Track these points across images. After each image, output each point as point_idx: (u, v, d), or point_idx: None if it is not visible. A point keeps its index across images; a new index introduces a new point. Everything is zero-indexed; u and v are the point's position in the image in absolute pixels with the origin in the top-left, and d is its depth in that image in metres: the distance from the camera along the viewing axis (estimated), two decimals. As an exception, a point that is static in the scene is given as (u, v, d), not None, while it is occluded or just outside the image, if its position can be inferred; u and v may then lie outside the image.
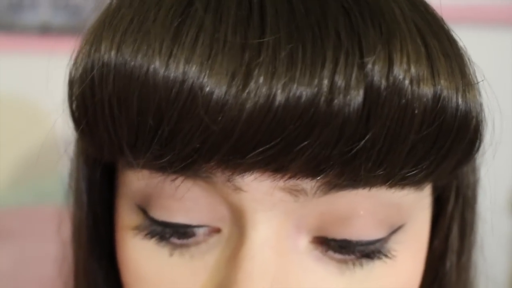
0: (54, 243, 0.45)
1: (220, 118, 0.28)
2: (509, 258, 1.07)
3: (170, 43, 0.28)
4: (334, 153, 0.29)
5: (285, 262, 0.32)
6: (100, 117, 0.30)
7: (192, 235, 0.33)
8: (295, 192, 0.31)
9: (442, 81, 0.29)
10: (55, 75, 0.43)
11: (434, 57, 0.30)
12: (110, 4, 0.32)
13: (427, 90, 0.29)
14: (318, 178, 0.30)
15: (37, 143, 0.41)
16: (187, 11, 0.29)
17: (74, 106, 0.32)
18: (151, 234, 0.34)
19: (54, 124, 0.34)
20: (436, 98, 0.29)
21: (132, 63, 0.29)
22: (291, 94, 0.27)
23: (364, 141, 0.28)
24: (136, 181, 0.33)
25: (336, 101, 0.28)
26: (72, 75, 0.31)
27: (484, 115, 0.34)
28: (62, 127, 0.37)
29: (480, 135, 0.32)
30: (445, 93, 0.29)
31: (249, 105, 0.27)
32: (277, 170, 0.29)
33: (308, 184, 0.30)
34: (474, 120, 0.31)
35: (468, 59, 0.33)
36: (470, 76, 0.32)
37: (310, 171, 0.29)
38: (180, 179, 0.31)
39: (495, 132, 0.42)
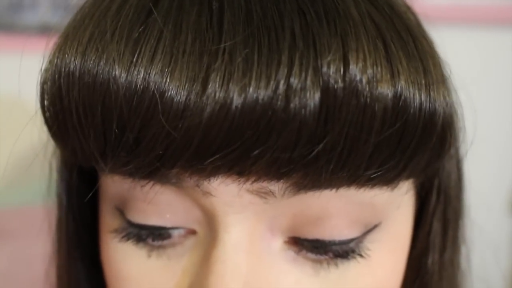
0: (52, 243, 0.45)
1: (180, 124, 0.28)
2: (509, 258, 1.07)
3: (131, 51, 0.29)
4: (294, 156, 0.29)
5: (258, 264, 0.32)
6: (70, 124, 0.31)
7: (168, 237, 0.34)
8: (263, 194, 0.31)
9: (402, 81, 0.29)
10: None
11: (394, 57, 0.29)
12: (76, 14, 0.33)
13: (386, 90, 0.29)
14: (282, 180, 0.30)
15: (37, 143, 0.41)
16: (147, 20, 0.30)
17: (46, 115, 0.32)
18: (127, 236, 0.35)
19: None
20: (397, 98, 0.29)
21: (95, 72, 0.29)
22: (247, 98, 0.27)
23: (323, 143, 0.28)
24: (111, 185, 0.34)
25: (292, 104, 0.28)
26: (42, 82, 0.32)
27: (456, 112, 0.33)
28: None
29: (451, 133, 0.32)
30: (405, 92, 0.29)
31: (207, 110, 0.28)
32: (240, 174, 0.30)
33: (275, 186, 0.31)
34: (440, 118, 0.31)
35: (438, 56, 0.33)
36: (436, 75, 0.31)
37: (273, 174, 0.30)
38: (149, 184, 0.32)
39: (495, 133, 0.42)
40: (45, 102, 0.32)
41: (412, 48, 0.31)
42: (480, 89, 0.37)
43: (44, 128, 0.36)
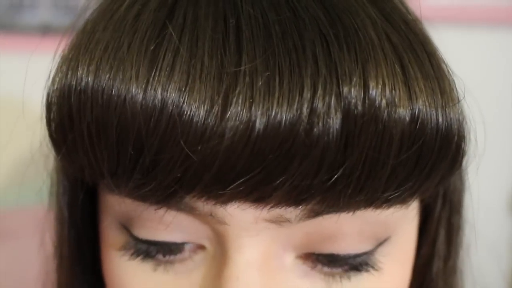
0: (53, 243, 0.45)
1: (199, 147, 0.27)
2: (510, 258, 1.07)
3: (147, 69, 0.28)
4: (314, 183, 0.28)
5: (271, 281, 0.32)
6: (80, 144, 0.29)
7: (178, 251, 0.33)
8: (279, 222, 0.31)
9: (419, 102, 0.29)
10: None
11: (412, 79, 0.29)
12: (85, 26, 0.31)
13: (403, 113, 0.29)
14: (300, 207, 0.30)
15: (37, 143, 0.41)
16: (162, 34, 0.29)
17: (53, 130, 0.31)
18: (137, 253, 0.34)
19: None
20: (414, 120, 0.29)
21: (109, 91, 0.28)
22: (269, 122, 0.27)
23: (342, 169, 0.28)
24: (118, 205, 0.33)
25: (315, 129, 0.27)
26: (50, 98, 0.31)
27: (466, 126, 0.33)
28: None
29: (463, 150, 0.32)
30: (423, 113, 0.29)
31: (228, 134, 0.27)
32: (258, 200, 0.29)
33: (292, 214, 0.30)
34: (455, 137, 0.31)
35: (449, 71, 0.33)
36: (451, 93, 0.31)
37: (292, 200, 0.29)
38: (163, 209, 0.31)
39: (495, 133, 0.41)
40: (52, 121, 0.31)
41: (428, 67, 0.31)
42: (480, 89, 0.37)
43: (45, 128, 0.35)
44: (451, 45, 0.37)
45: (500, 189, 1.06)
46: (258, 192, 0.29)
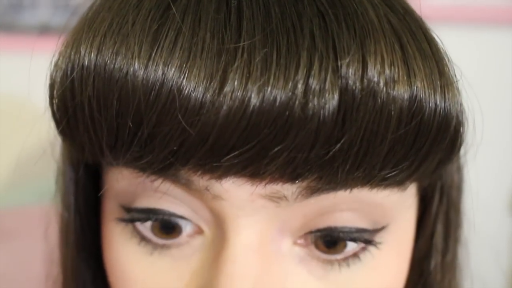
0: (54, 243, 0.45)
1: (196, 121, 0.28)
2: (510, 258, 1.07)
3: (149, 46, 0.29)
4: (310, 157, 0.29)
5: (268, 265, 0.32)
6: (80, 119, 0.30)
7: (175, 232, 0.33)
8: (276, 199, 0.31)
9: (418, 82, 0.29)
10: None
11: (410, 58, 0.30)
12: (91, 7, 0.32)
13: (402, 91, 0.29)
14: (297, 182, 0.30)
15: (37, 143, 0.41)
16: (166, 14, 0.30)
17: (55, 107, 0.32)
18: (132, 222, 0.34)
19: (54, 123, 0.34)
20: (413, 99, 0.29)
21: (112, 65, 0.29)
22: (265, 97, 0.28)
23: (340, 144, 0.29)
24: (118, 181, 0.34)
25: (310, 104, 0.28)
26: (53, 77, 0.32)
27: (465, 114, 0.34)
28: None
29: (461, 134, 0.32)
30: (421, 93, 0.29)
31: (224, 108, 0.28)
32: (254, 175, 0.30)
33: (289, 190, 0.31)
34: (454, 119, 0.31)
35: (448, 58, 0.33)
36: (449, 76, 0.31)
37: (288, 175, 0.30)
38: (159, 180, 0.32)
39: (495, 132, 0.41)
40: (54, 96, 0.32)
41: (427, 49, 0.31)
42: (479, 89, 0.37)
43: (44, 127, 0.35)
44: (451, 45, 0.38)
45: (500, 188, 1.07)
46: (253, 166, 0.29)
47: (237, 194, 0.31)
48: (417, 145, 0.30)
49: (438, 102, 0.30)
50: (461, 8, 1.01)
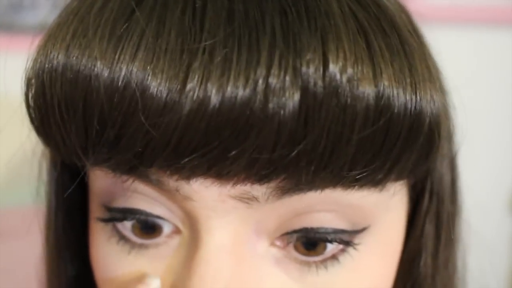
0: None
1: (159, 122, 0.28)
2: (509, 258, 1.07)
3: (113, 48, 0.29)
4: (273, 158, 0.28)
5: (242, 267, 0.32)
6: (52, 120, 0.31)
7: (152, 232, 0.34)
8: (246, 200, 0.31)
9: (385, 80, 0.29)
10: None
11: (377, 55, 0.29)
12: (61, 12, 0.33)
13: (367, 90, 0.28)
14: (264, 183, 0.30)
15: (35, 142, 0.41)
16: (131, 17, 0.30)
17: (30, 108, 0.32)
18: (110, 221, 0.35)
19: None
20: (379, 97, 0.29)
21: (77, 68, 0.29)
22: (225, 96, 0.27)
23: (303, 144, 0.28)
24: (96, 180, 0.35)
25: (270, 104, 0.27)
26: (27, 79, 0.32)
27: (448, 113, 0.33)
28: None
29: (438, 133, 0.31)
30: (388, 91, 0.29)
31: (185, 109, 0.28)
32: (219, 175, 0.30)
33: (259, 191, 0.30)
34: (428, 118, 0.30)
35: (429, 56, 0.32)
36: (423, 74, 0.31)
37: (254, 176, 0.29)
38: (130, 180, 0.32)
39: (495, 132, 0.41)
40: (29, 99, 0.32)
41: (398, 46, 0.30)
42: (479, 89, 0.37)
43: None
44: (450, 45, 0.38)
45: (500, 188, 1.06)
46: (217, 167, 0.29)
47: (206, 194, 0.31)
48: (388, 145, 0.30)
49: (408, 100, 0.29)
50: (461, 8, 1.01)
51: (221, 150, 0.28)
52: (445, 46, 0.38)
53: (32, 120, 0.33)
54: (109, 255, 0.35)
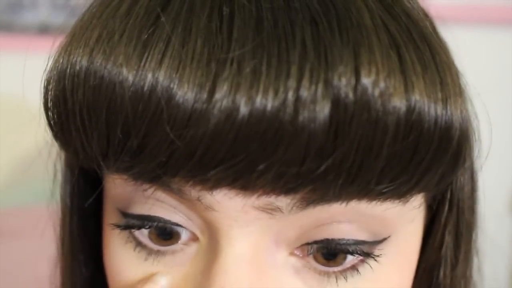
0: (54, 243, 0.45)
1: (185, 133, 0.27)
2: (510, 257, 1.07)
3: (138, 55, 0.28)
4: (301, 171, 0.28)
5: (261, 277, 0.31)
6: (73, 126, 0.30)
7: (170, 238, 0.33)
8: (269, 210, 0.30)
9: (417, 94, 0.28)
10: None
11: (409, 68, 0.29)
12: (84, 14, 0.32)
13: (399, 104, 0.28)
14: (289, 195, 0.29)
15: (38, 143, 0.41)
16: (156, 23, 0.29)
17: (49, 112, 0.32)
18: (130, 239, 0.34)
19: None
20: (410, 111, 0.28)
21: (101, 74, 0.29)
22: (254, 108, 0.27)
23: (332, 158, 0.28)
24: (114, 186, 0.34)
25: (300, 116, 0.27)
26: (46, 80, 0.32)
27: (472, 126, 0.32)
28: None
29: (466, 148, 0.31)
30: (420, 106, 0.28)
31: (212, 120, 0.27)
32: (245, 188, 0.29)
33: (283, 202, 0.30)
34: (457, 132, 0.29)
35: (456, 68, 0.32)
36: (453, 87, 0.30)
37: (280, 189, 0.29)
38: (151, 189, 0.31)
39: (495, 132, 0.41)
40: (49, 103, 0.32)
41: (429, 59, 0.30)
42: (479, 89, 0.37)
43: (47, 129, 0.35)
44: (451, 45, 0.37)
45: (500, 188, 1.07)
46: (243, 179, 0.28)
47: (229, 205, 0.30)
48: (416, 160, 0.29)
49: (438, 115, 0.29)
50: (461, 8, 1.01)
51: (248, 163, 0.28)
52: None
53: (50, 125, 0.32)
54: (125, 261, 0.34)
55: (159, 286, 0.33)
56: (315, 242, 0.32)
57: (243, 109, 0.27)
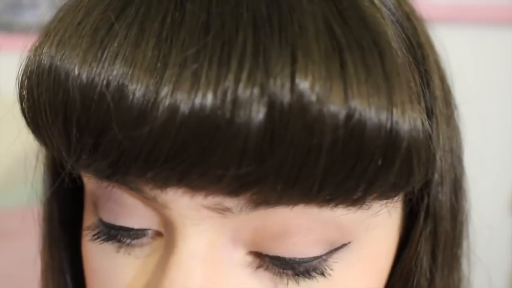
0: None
1: (132, 133, 0.28)
2: (510, 257, 1.07)
3: (92, 58, 0.30)
4: (240, 174, 0.28)
5: (215, 273, 0.32)
6: (40, 121, 0.32)
7: (137, 237, 0.35)
8: (220, 210, 0.31)
9: (356, 100, 0.28)
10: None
11: (350, 73, 0.28)
12: (53, 16, 0.34)
13: (337, 109, 0.27)
14: (233, 197, 0.30)
15: (37, 143, 0.41)
16: (112, 27, 0.30)
17: (22, 104, 0.34)
18: (98, 235, 0.36)
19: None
20: (349, 117, 0.28)
21: (59, 75, 0.30)
22: (193, 107, 0.28)
23: (269, 162, 0.28)
24: (87, 184, 0.36)
25: (237, 118, 0.27)
26: (20, 77, 0.34)
27: (427, 136, 0.31)
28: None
29: (419, 158, 0.30)
30: (360, 111, 0.28)
31: (157, 120, 0.28)
32: (190, 187, 0.30)
33: (231, 203, 0.31)
34: (405, 141, 0.29)
35: (420, 72, 0.32)
36: (403, 95, 0.29)
37: (222, 190, 0.30)
38: (110, 187, 0.33)
39: (495, 132, 0.41)
40: (22, 97, 0.33)
41: (376, 65, 0.29)
42: (479, 89, 0.37)
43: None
44: (450, 45, 0.38)
45: (500, 188, 1.06)
46: (186, 180, 0.29)
47: (181, 203, 0.31)
48: (360, 167, 0.29)
49: (382, 122, 0.28)
50: (461, 8, 1.01)
51: (188, 164, 0.28)
52: (445, 46, 0.38)
53: (25, 119, 0.34)
54: (99, 253, 0.36)
55: None
56: (268, 256, 0.33)
57: (183, 109, 0.28)
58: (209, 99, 0.28)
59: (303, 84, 0.27)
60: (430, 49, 0.36)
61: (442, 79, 0.37)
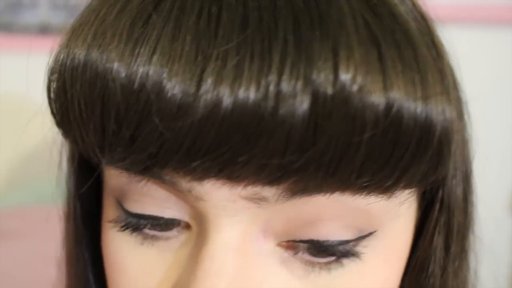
0: (54, 243, 0.46)
1: (173, 125, 0.29)
2: (510, 258, 1.07)
3: (130, 51, 0.30)
4: (283, 163, 0.29)
5: (247, 264, 0.33)
6: (72, 116, 0.32)
7: (166, 228, 0.35)
8: (256, 200, 0.31)
9: (395, 91, 0.29)
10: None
11: (388, 66, 0.29)
12: (83, 11, 0.34)
13: (377, 99, 0.29)
14: (273, 185, 0.30)
15: (37, 143, 0.42)
16: (148, 21, 0.31)
17: (52, 102, 0.34)
18: (126, 226, 0.36)
19: (53, 123, 0.34)
20: (388, 107, 0.29)
21: (96, 69, 0.31)
22: (237, 100, 0.28)
23: (311, 151, 0.29)
24: (110, 177, 0.35)
25: (281, 110, 0.28)
26: (50, 73, 0.34)
27: (462, 127, 0.32)
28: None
29: (449, 147, 0.31)
30: (398, 102, 0.29)
31: (199, 112, 0.28)
32: (230, 178, 0.30)
33: (269, 192, 0.31)
34: (437, 131, 0.30)
35: (444, 68, 0.32)
36: (436, 86, 0.31)
37: (263, 179, 0.30)
38: (144, 181, 0.33)
39: (495, 132, 0.41)
40: (51, 93, 0.33)
41: (410, 58, 0.30)
42: (479, 89, 0.37)
43: (44, 128, 0.36)
44: (451, 45, 0.38)
45: (500, 188, 1.07)
46: (228, 170, 0.30)
47: (217, 195, 0.31)
48: (396, 156, 0.30)
49: (418, 113, 0.29)
50: (461, 8, 1.01)
51: (231, 154, 0.29)
52: (445, 45, 0.38)
53: (53, 114, 0.34)
54: (122, 246, 0.36)
55: None
56: (301, 241, 0.33)
57: (226, 102, 0.28)
58: (252, 92, 0.28)
59: (345, 76, 0.28)
60: (443, 49, 0.36)
61: (454, 77, 0.38)
